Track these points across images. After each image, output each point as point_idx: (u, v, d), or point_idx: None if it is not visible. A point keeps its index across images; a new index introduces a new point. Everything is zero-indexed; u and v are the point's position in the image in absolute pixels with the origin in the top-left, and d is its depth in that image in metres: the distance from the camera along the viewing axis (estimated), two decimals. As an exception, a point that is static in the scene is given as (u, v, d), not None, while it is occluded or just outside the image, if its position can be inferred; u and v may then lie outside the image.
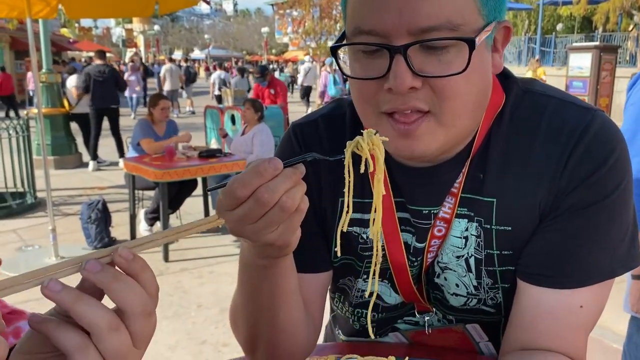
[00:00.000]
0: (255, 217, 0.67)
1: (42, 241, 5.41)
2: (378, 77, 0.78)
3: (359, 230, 0.98)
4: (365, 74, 0.81)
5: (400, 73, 0.75)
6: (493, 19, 0.80)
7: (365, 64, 0.81)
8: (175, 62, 19.50)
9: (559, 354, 0.86)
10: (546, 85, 0.94)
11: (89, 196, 7.00)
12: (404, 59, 0.75)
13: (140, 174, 5.18)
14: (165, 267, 4.91)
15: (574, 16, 27.24)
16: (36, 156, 7.62)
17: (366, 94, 0.82)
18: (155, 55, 43.60)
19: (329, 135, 1.00)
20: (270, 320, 0.90)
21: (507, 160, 0.88)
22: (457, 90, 0.78)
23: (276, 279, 0.84)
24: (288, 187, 0.66)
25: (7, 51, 23.60)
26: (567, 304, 0.85)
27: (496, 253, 0.91)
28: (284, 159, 0.99)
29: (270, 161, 0.65)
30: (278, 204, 0.66)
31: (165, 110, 5.80)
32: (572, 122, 0.85)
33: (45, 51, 8.87)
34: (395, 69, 0.76)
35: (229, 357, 1.23)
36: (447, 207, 0.92)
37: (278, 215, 0.66)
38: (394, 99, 0.78)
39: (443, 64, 0.76)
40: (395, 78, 0.76)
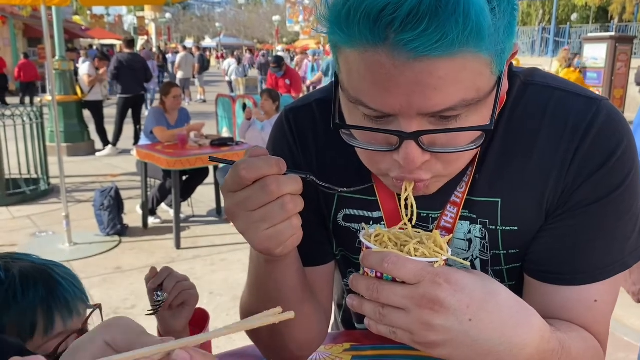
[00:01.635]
0: (254, 205, 0.69)
1: (56, 227, 5.47)
2: (388, 150, 0.73)
3: (358, 226, 0.95)
4: (373, 141, 0.74)
5: (412, 155, 0.71)
6: (504, 63, 0.71)
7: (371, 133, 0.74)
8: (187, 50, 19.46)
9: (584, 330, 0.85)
10: (548, 75, 0.90)
11: (102, 183, 7.06)
12: (414, 143, 0.70)
13: (153, 161, 5.21)
14: (178, 254, 4.95)
15: (589, 6, 26.85)
16: (49, 143, 7.68)
17: (374, 158, 0.78)
18: (166, 43, 43.58)
19: (323, 120, 0.96)
20: None
21: (508, 159, 0.85)
22: (464, 154, 0.75)
23: (281, 274, 0.85)
24: (294, 190, 0.70)
25: (21, 38, 23.73)
26: (581, 300, 0.84)
27: (503, 253, 0.89)
28: (276, 144, 1.00)
29: (279, 160, 0.70)
30: (280, 201, 0.69)
31: (177, 98, 5.82)
32: (577, 114, 0.82)
33: (58, 38, 8.91)
34: (406, 150, 0.70)
35: (240, 344, 1.24)
36: (449, 216, 0.89)
37: (277, 212, 0.69)
38: (402, 171, 0.75)
39: (452, 135, 0.71)
40: (406, 160, 0.71)
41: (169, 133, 5.57)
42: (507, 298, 0.70)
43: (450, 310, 0.66)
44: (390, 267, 0.67)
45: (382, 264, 0.67)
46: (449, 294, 0.66)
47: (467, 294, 0.67)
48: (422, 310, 0.66)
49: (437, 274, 0.66)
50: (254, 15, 65.08)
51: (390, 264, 0.67)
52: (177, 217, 5.09)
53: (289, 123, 0.98)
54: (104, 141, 9.76)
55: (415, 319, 0.66)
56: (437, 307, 0.66)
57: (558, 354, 0.76)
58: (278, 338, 0.94)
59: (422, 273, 0.66)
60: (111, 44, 33.90)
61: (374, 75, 0.66)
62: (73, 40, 27.01)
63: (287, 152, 0.97)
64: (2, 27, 21.85)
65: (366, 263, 0.69)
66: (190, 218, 5.97)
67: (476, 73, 0.66)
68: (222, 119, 7.88)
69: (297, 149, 0.96)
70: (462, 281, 0.67)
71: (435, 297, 0.66)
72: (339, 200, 0.96)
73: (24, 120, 6.66)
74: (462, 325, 0.66)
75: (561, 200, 0.83)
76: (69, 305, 0.93)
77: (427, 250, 0.70)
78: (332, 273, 1.03)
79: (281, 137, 0.98)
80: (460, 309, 0.66)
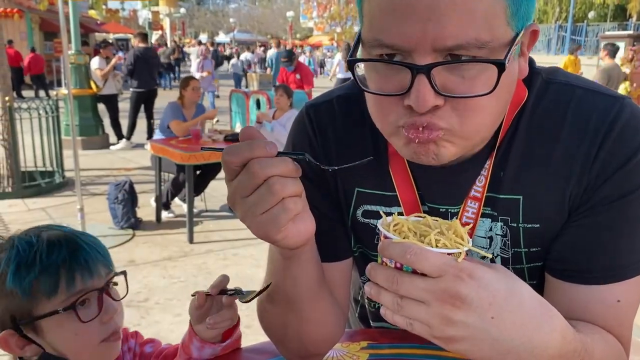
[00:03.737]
0: (246, 191, 0.69)
1: (70, 220, 5.51)
2: (398, 94, 0.73)
3: (376, 222, 0.95)
4: (384, 89, 0.75)
5: (423, 93, 0.70)
6: (522, 26, 0.73)
7: (384, 76, 0.75)
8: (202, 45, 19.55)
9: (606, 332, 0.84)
10: (570, 74, 0.89)
11: (116, 177, 7.11)
12: (427, 79, 0.69)
13: (167, 156, 5.23)
14: (190, 248, 4.97)
15: (607, 4, 26.52)
16: (64, 136, 7.74)
17: (384, 108, 0.77)
18: (180, 38, 43.78)
19: (344, 116, 0.96)
20: (296, 310, 0.89)
21: (531, 156, 0.84)
22: (481, 108, 0.73)
23: (298, 270, 0.84)
24: (279, 171, 0.68)
25: (37, 32, 23.95)
26: (604, 299, 0.83)
27: (524, 251, 0.88)
28: (297, 139, 1.00)
29: (266, 143, 0.69)
30: (267, 183, 0.68)
31: (196, 90, 5.83)
32: (600, 112, 0.81)
33: (74, 32, 8.98)
34: (418, 88, 0.70)
35: (252, 338, 1.24)
36: (471, 212, 0.88)
37: (266, 195, 0.68)
38: (413, 116, 0.73)
39: (467, 81, 0.71)
40: (417, 98, 0.70)
41: (184, 125, 5.60)
42: (530, 297, 0.69)
43: (472, 307, 0.64)
44: (413, 258, 0.64)
45: (404, 255, 0.65)
46: (471, 289, 0.64)
47: (490, 291, 0.65)
48: (443, 304, 0.64)
49: (461, 269, 0.64)
50: (268, 10, 65.10)
51: (412, 256, 0.64)
52: (190, 212, 5.12)
53: (310, 118, 0.98)
54: (119, 135, 9.82)
55: (435, 313, 0.65)
56: (459, 302, 0.64)
57: (580, 355, 0.75)
58: (294, 335, 0.94)
59: (445, 267, 0.64)
60: (126, 38, 34.11)
61: (392, 4, 0.68)
62: (88, 35, 27.21)
63: (307, 147, 0.97)
64: (19, 21, 22.07)
65: (386, 253, 0.67)
66: (203, 212, 5.99)
67: (491, 10, 0.68)
68: (235, 114, 7.91)
69: (317, 143, 0.96)
70: (485, 277, 0.65)
71: (457, 292, 0.64)
72: (358, 196, 0.96)
73: (39, 113, 6.72)
74: (484, 323, 0.65)
75: (584, 197, 0.82)
76: (89, 266, 1.04)
77: (448, 241, 0.67)
78: (349, 270, 1.02)
79: (301, 132, 0.99)
80: (482, 306, 0.65)
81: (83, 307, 1.02)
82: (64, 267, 1.01)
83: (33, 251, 1.02)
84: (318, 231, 0.76)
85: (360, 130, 0.94)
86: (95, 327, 1.03)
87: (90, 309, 1.03)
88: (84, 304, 1.03)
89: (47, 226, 1.11)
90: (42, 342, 1.03)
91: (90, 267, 1.04)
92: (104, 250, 1.11)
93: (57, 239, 1.05)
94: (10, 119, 6.44)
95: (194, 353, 1.11)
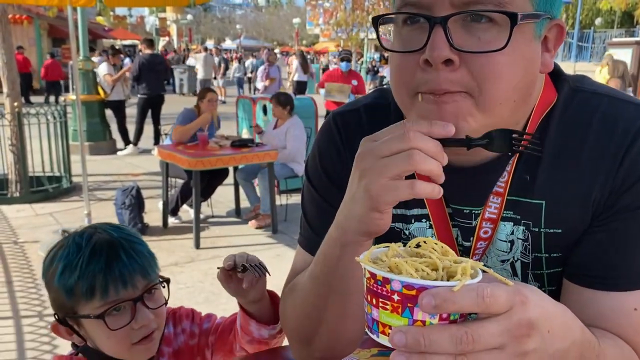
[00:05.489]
0: (386, 150, 0.69)
1: (77, 225, 5.53)
2: (416, 50, 0.75)
3: (402, 225, 0.96)
4: (404, 47, 0.78)
5: (438, 44, 0.72)
6: (544, 11, 0.76)
7: (406, 37, 0.78)
8: (208, 51, 19.59)
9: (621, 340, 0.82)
10: (596, 83, 0.91)
11: (123, 182, 7.13)
12: (442, 31, 0.72)
13: (174, 161, 5.24)
14: (197, 254, 4.97)
15: (614, 10, 26.46)
16: (72, 142, 7.78)
17: (402, 70, 0.79)
18: (187, 44, 44.01)
19: (371, 126, 0.95)
20: (338, 303, 0.87)
21: (556, 161, 0.85)
22: (498, 71, 0.74)
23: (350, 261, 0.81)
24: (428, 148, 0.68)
25: (46, 38, 24.13)
26: (619, 306, 0.83)
27: (545, 256, 0.88)
28: (324, 146, 1.01)
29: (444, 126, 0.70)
30: (409, 152, 0.67)
31: (212, 102, 5.79)
32: (626, 120, 0.83)
33: (82, 39, 9.04)
34: (434, 39, 0.72)
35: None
36: (494, 207, 0.88)
37: (401, 161, 0.68)
38: (430, 78, 0.75)
39: (483, 43, 0.73)
40: (432, 49, 0.72)
41: (181, 130, 5.54)
42: (552, 300, 0.67)
43: (539, 330, 0.59)
44: (490, 300, 0.55)
45: (480, 302, 0.54)
46: (535, 311, 0.59)
47: (541, 306, 0.61)
48: (519, 340, 0.57)
49: (520, 292, 0.58)
50: (274, 17, 65.35)
51: (490, 297, 0.55)
52: (196, 217, 5.12)
53: (337, 126, 1.00)
54: (126, 140, 9.87)
55: (512, 352, 0.57)
56: (531, 330, 0.58)
57: (595, 349, 0.73)
58: (327, 332, 0.92)
59: (513, 297, 0.57)
60: (133, 44, 34.31)
61: None
62: (96, 41, 27.40)
63: (334, 153, 0.99)
64: (27, 27, 22.24)
65: (451, 307, 0.54)
66: (210, 218, 6.00)
67: None
68: (242, 120, 7.91)
69: (344, 149, 0.98)
70: (529, 292, 0.60)
71: (529, 320, 0.58)
72: None
73: (47, 118, 6.76)
74: (544, 341, 0.61)
75: (608, 203, 0.83)
76: (124, 278, 1.10)
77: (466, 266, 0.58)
78: None
79: (329, 139, 1.01)
80: (544, 325, 0.60)
81: (118, 313, 1.11)
82: (100, 276, 1.09)
83: (78, 256, 1.10)
84: None
85: None
86: (126, 333, 1.11)
87: (123, 316, 1.11)
88: (119, 310, 1.11)
89: (103, 226, 1.19)
90: (85, 335, 1.14)
91: (125, 278, 1.11)
92: (146, 258, 1.17)
93: (101, 246, 1.12)
94: (19, 124, 6.48)
95: (255, 333, 1.22)
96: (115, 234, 1.16)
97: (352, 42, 21.14)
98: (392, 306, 0.56)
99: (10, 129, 6.48)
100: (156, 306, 1.15)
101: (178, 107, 6.21)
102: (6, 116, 6.42)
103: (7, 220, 5.87)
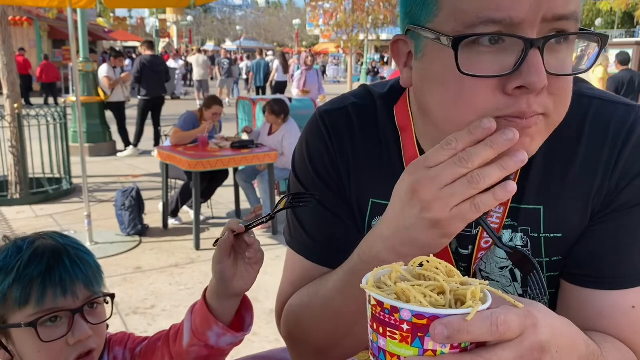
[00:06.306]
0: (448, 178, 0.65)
1: (77, 226, 5.53)
2: (505, 74, 0.68)
3: None
4: (486, 71, 0.69)
5: (539, 69, 0.66)
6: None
7: (485, 60, 0.69)
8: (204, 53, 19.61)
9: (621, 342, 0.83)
10: (583, 85, 0.91)
11: (123, 184, 7.13)
12: (540, 54, 0.66)
13: (174, 163, 5.24)
14: (197, 255, 4.97)
15: (615, 11, 26.45)
16: (72, 143, 7.78)
17: (475, 94, 0.70)
18: (187, 45, 44.07)
19: (359, 124, 0.96)
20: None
21: (550, 166, 0.85)
22: (569, 90, 0.73)
23: None
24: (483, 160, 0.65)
25: (46, 40, 24.16)
26: (618, 304, 0.83)
27: (545, 260, 0.89)
28: (312, 140, 0.99)
29: None
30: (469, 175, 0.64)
31: (216, 115, 5.77)
32: (617, 122, 0.84)
33: (82, 40, 9.04)
34: (533, 62, 0.66)
35: (258, 346, 1.23)
36: (495, 217, 0.87)
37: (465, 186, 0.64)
38: (516, 103, 0.69)
39: (560, 62, 0.70)
40: (536, 74, 0.66)
41: (180, 134, 5.54)
42: (558, 316, 0.67)
43: (549, 351, 0.59)
44: (504, 328, 0.54)
45: (495, 330, 0.53)
46: (545, 332, 0.58)
47: (550, 326, 0.60)
48: None
49: (531, 314, 0.57)
50: (275, 18, 65.43)
51: (504, 325, 0.53)
52: (197, 219, 5.12)
53: (325, 123, 0.98)
54: (126, 142, 9.87)
55: None
56: (542, 353, 0.58)
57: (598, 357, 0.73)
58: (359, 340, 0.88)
59: (524, 321, 0.56)
60: (133, 46, 34.37)
61: None
62: (96, 42, 27.43)
63: (323, 149, 0.97)
64: (28, 28, 22.27)
65: (465, 337, 0.52)
66: (210, 219, 5.99)
67: None
68: (242, 121, 7.91)
69: (333, 147, 0.96)
70: (538, 312, 0.60)
71: (540, 343, 0.58)
72: (373, 207, 0.95)
73: (47, 120, 6.76)
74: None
75: (604, 203, 0.84)
76: (64, 285, 0.99)
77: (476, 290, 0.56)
78: None
79: (317, 137, 0.98)
80: (553, 344, 0.60)
81: (53, 324, 0.98)
82: (37, 281, 0.98)
83: (17, 259, 1.00)
84: (336, 237, 0.75)
85: (375, 142, 0.94)
86: (60, 348, 0.98)
87: (59, 329, 0.98)
88: (55, 321, 0.98)
89: (50, 234, 1.08)
90: (13, 350, 1.01)
91: (65, 285, 0.99)
92: (92, 268, 1.06)
93: (44, 250, 1.02)
94: (19, 126, 6.48)
95: (211, 339, 1.03)
96: (61, 241, 1.06)
97: (352, 43, 21.13)
98: (401, 335, 0.54)
99: (10, 130, 6.48)
100: (97, 322, 1.02)
101: (178, 109, 6.20)
102: (6, 118, 6.43)
103: (7, 222, 5.86)
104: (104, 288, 1.08)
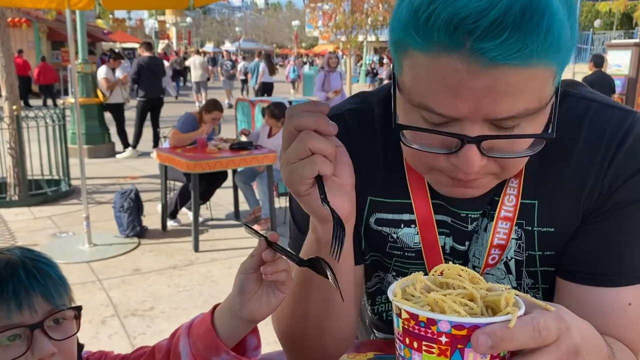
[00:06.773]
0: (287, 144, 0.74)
1: (76, 228, 5.53)
2: (445, 152, 0.73)
3: (389, 230, 0.96)
4: (432, 144, 0.74)
5: (472, 160, 0.71)
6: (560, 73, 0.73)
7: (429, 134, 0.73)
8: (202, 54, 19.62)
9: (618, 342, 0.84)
10: (584, 88, 0.93)
11: (122, 185, 7.12)
12: (476, 147, 0.70)
13: (173, 164, 5.24)
14: (196, 257, 4.96)
15: (613, 12, 26.50)
16: (71, 145, 7.77)
17: (423, 159, 0.78)
18: (186, 47, 44.08)
19: (356, 129, 0.96)
20: (328, 302, 0.89)
21: (547, 163, 0.87)
22: (523, 159, 0.78)
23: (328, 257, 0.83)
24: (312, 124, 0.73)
25: (45, 41, 24.15)
26: (614, 302, 0.85)
27: (538, 254, 0.91)
28: None
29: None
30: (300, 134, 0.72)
31: (215, 120, 5.79)
32: (613, 125, 0.85)
33: (81, 42, 9.05)
34: (466, 155, 0.71)
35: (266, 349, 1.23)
36: (502, 233, 0.90)
37: (297, 145, 0.72)
38: (458, 170, 0.74)
39: (509, 143, 0.73)
40: (466, 165, 0.71)
41: (179, 136, 5.54)
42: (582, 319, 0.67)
43: (582, 354, 0.60)
44: (545, 333, 0.54)
45: (538, 334, 0.53)
46: (578, 335, 0.59)
47: (580, 330, 0.61)
48: None
49: (563, 318, 0.58)
50: (274, 20, 65.53)
51: (545, 330, 0.54)
52: (195, 220, 5.12)
53: None
54: (124, 143, 9.87)
55: None
56: (576, 356, 0.59)
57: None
58: (316, 333, 0.93)
59: (559, 325, 0.57)
60: (132, 47, 34.38)
61: (445, 80, 0.66)
62: (95, 44, 27.42)
63: None
64: (27, 30, 22.27)
65: (509, 345, 0.52)
66: (209, 221, 5.99)
67: (543, 83, 0.68)
68: (241, 122, 7.91)
69: None
70: (567, 315, 0.60)
71: (575, 346, 0.58)
72: (371, 204, 0.97)
73: (46, 122, 6.76)
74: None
75: (597, 203, 0.86)
76: (18, 297, 0.89)
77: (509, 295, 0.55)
78: (362, 276, 1.03)
79: None
80: (584, 347, 0.60)
81: (11, 343, 0.88)
82: None
83: None
84: None
85: (373, 144, 0.95)
86: None
87: (17, 347, 0.88)
88: (14, 340, 0.88)
89: (11, 249, 0.99)
90: None
91: (20, 298, 0.89)
92: (52, 280, 0.96)
93: (1, 263, 0.93)
94: (18, 128, 6.48)
95: None
96: (18, 253, 0.97)
97: (351, 44, 21.13)
98: (439, 349, 0.52)
99: (9, 132, 6.48)
100: (61, 337, 0.92)
101: (176, 110, 6.21)
102: (5, 119, 6.43)
103: (6, 224, 5.85)
104: (70, 301, 0.98)
